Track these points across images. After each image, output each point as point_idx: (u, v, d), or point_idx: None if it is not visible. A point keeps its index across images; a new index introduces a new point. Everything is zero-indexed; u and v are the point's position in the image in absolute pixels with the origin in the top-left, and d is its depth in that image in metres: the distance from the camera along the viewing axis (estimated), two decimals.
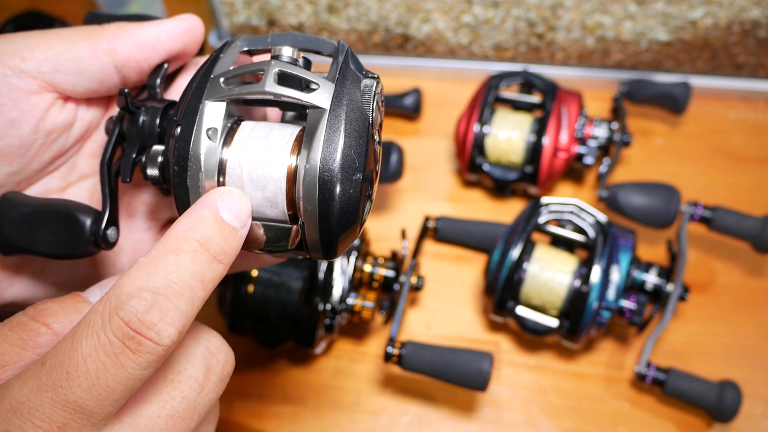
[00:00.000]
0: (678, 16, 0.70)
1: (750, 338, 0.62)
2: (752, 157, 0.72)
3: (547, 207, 0.59)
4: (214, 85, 0.30)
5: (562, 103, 0.66)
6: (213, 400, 0.30)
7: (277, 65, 0.30)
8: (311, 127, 0.29)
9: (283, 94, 0.29)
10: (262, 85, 0.29)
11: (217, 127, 0.29)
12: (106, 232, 0.32)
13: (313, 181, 0.28)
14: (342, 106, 0.29)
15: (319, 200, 0.28)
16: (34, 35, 0.33)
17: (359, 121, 0.29)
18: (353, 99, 0.30)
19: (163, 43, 0.34)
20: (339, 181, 0.28)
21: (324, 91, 0.29)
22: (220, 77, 0.30)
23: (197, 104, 0.30)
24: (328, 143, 0.28)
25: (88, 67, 0.33)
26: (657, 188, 0.61)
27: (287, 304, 0.55)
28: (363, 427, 0.58)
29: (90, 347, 0.25)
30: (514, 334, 0.62)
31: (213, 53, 0.32)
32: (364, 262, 0.58)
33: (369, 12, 0.75)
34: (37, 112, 0.33)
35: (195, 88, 0.30)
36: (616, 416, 0.58)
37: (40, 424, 0.24)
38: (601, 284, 0.54)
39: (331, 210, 0.29)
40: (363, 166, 0.29)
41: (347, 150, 0.28)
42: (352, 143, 0.29)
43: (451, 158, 0.73)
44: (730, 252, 0.66)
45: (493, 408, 0.59)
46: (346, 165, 0.28)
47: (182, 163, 0.29)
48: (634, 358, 0.61)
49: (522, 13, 0.72)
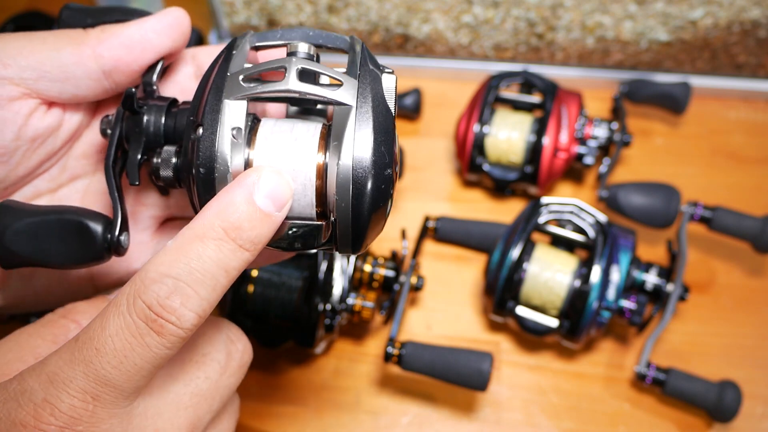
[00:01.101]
0: (678, 16, 0.70)
1: (750, 338, 0.62)
2: (752, 157, 0.72)
3: (547, 207, 0.59)
4: (233, 83, 0.29)
5: (562, 103, 0.66)
6: (233, 385, 0.31)
7: (298, 62, 0.29)
8: (339, 124, 0.29)
9: (308, 92, 0.29)
10: (286, 83, 0.29)
11: (240, 127, 0.29)
12: (119, 238, 0.31)
13: (346, 178, 0.28)
14: (368, 102, 0.29)
15: (353, 197, 0.29)
16: (16, 39, 0.32)
17: (385, 116, 0.30)
18: (377, 95, 0.30)
19: (152, 42, 0.33)
20: (372, 178, 0.29)
21: (348, 88, 0.29)
22: (239, 75, 0.30)
23: (218, 103, 0.29)
24: (359, 140, 0.28)
25: (74, 74, 0.32)
26: (657, 188, 0.61)
27: (287, 304, 0.55)
28: (363, 427, 0.58)
29: (117, 327, 0.26)
30: (514, 334, 0.62)
31: (223, 50, 0.32)
32: (364, 262, 0.58)
33: (369, 12, 0.75)
34: (18, 119, 0.32)
35: (213, 87, 0.30)
36: (616, 416, 0.58)
37: (75, 394, 0.26)
38: (601, 284, 0.54)
39: (365, 206, 0.29)
40: (392, 160, 0.29)
41: (377, 146, 0.29)
42: (382, 139, 0.29)
43: (451, 158, 0.73)
44: (730, 252, 0.66)
45: (493, 408, 0.59)
46: (378, 161, 0.29)
47: (209, 165, 0.29)
48: (634, 358, 0.61)
49: (522, 13, 0.72)
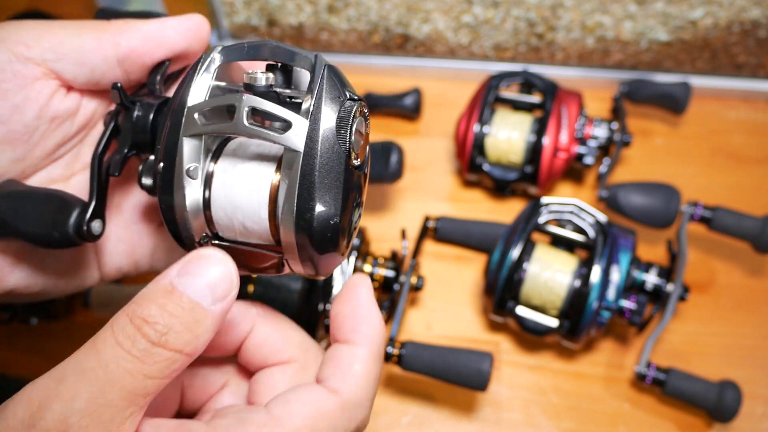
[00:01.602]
0: (678, 16, 0.70)
1: (750, 338, 0.62)
2: (752, 157, 0.72)
3: (547, 207, 0.59)
4: (189, 120, 0.30)
5: (562, 103, 0.66)
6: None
7: (248, 101, 0.29)
8: (286, 169, 0.29)
9: (255, 134, 0.29)
10: (235, 125, 0.29)
11: (197, 165, 0.30)
12: (90, 224, 0.31)
13: (290, 227, 0.29)
14: (317, 144, 0.29)
15: (298, 245, 0.29)
16: (40, 24, 0.33)
17: (334, 156, 0.29)
18: (328, 135, 0.29)
19: (168, 39, 0.34)
20: (316, 229, 0.29)
21: (297, 131, 0.29)
22: (195, 112, 0.30)
23: (175, 140, 0.30)
24: (302, 190, 0.29)
25: (91, 59, 0.33)
26: (657, 188, 0.61)
27: (287, 304, 0.55)
28: None
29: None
30: (514, 334, 0.62)
31: (190, 69, 0.32)
32: (364, 262, 0.58)
33: (369, 12, 0.75)
34: (41, 98, 0.33)
35: (172, 123, 0.31)
36: (616, 416, 0.58)
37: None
38: (601, 284, 0.54)
39: (312, 250, 0.30)
40: (339, 209, 0.30)
41: (322, 196, 0.29)
42: (327, 188, 0.29)
43: (451, 158, 0.73)
44: (730, 252, 0.66)
45: (493, 408, 0.59)
46: (322, 214, 0.29)
47: (168, 202, 0.31)
48: (634, 358, 0.61)
49: (522, 13, 0.72)
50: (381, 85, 0.76)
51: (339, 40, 0.78)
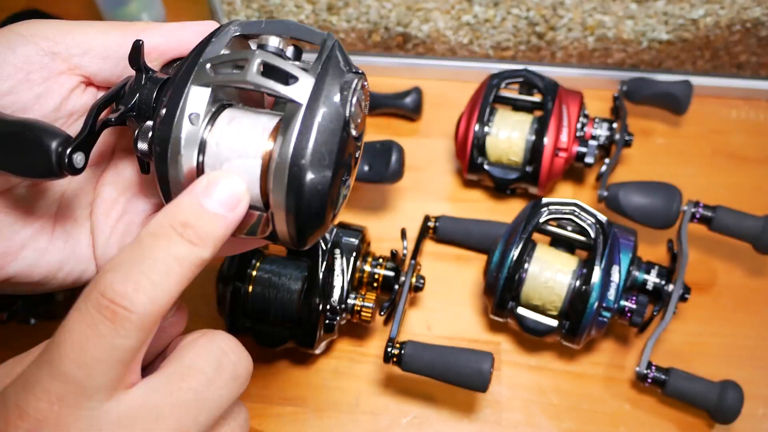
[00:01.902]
0: (679, 15, 0.70)
1: (751, 338, 0.62)
2: (753, 157, 0.72)
3: (547, 207, 0.59)
4: (201, 70, 0.31)
5: (563, 102, 0.66)
6: (224, 397, 0.31)
7: (260, 55, 0.30)
8: (287, 121, 0.29)
9: (263, 85, 0.30)
10: (244, 74, 0.30)
11: (199, 113, 0.31)
12: (72, 156, 0.31)
13: (282, 174, 0.29)
14: (318, 101, 0.30)
15: (287, 193, 0.30)
16: (68, 23, 0.35)
17: (334, 118, 0.30)
18: (331, 95, 0.30)
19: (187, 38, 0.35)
20: (307, 176, 0.29)
21: (303, 86, 0.30)
22: (207, 63, 0.31)
23: (183, 88, 0.31)
24: (300, 138, 0.29)
25: (115, 53, 0.35)
26: (658, 188, 0.61)
27: (287, 304, 0.55)
28: (363, 428, 0.58)
29: (74, 320, 0.26)
30: (514, 334, 0.62)
31: (206, 37, 0.33)
32: (364, 262, 0.58)
33: (369, 11, 0.75)
34: (63, 91, 0.34)
35: (182, 72, 0.31)
36: (617, 416, 0.58)
37: (40, 396, 0.26)
38: (602, 284, 0.54)
39: (299, 203, 0.30)
40: (333, 162, 0.30)
41: (318, 146, 0.29)
42: (324, 140, 0.30)
43: (451, 158, 0.73)
44: (731, 252, 0.66)
45: (493, 408, 0.59)
46: (315, 161, 0.29)
47: (163, 145, 0.31)
48: (635, 358, 0.61)
49: (522, 12, 0.72)
50: (381, 84, 0.76)
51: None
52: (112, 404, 0.27)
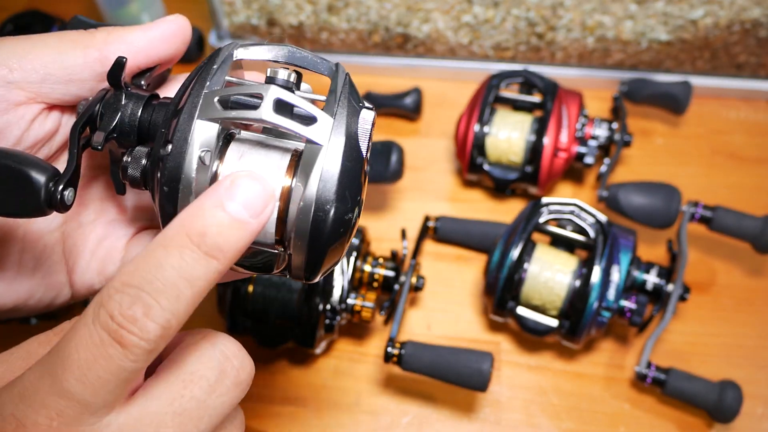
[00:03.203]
0: (678, 16, 0.70)
1: (750, 338, 0.62)
2: (752, 157, 0.72)
3: (547, 207, 0.59)
4: (207, 103, 0.29)
5: (563, 102, 0.66)
6: (227, 404, 0.30)
7: (276, 92, 0.29)
8: (307, 161, 0.29)
9: (281, 125, 0.29)
10: (260, 113, 0.28)
11: (210, 150, 0.29)
12: (63, 192, 0.29)
13: (306, 218, 0.29)
14: (339, 143, 0.29)
15: (310, 237, 0.29)
16: (21, 43, 0.32)
17: (354, 159, 0.30)
18: (350, 135, 0.30)
19: (156, 49, 0.33)
20: (331, 221, 0.29)
21: (322, 126, 0.29)
22: (214, 96, 0.29)
23: (190, 123, 0.29)
24: (324, 182, 0.29)
25: (79, 76, 0.32)
26: (657, 188, 0.61)
27: (287, 304, 0.55)
28: (363, 428, 0.58)
29: (81, 338, 0.25)
30: (514, 334, 0.62)
31: (204, 61, 0.31)
32: (364, 262, 0.58)
33: (369, 12, 0.75)
34: (23, 123, 0.32)
35: (188, 104, 0.29)
36: (617, 416, 0.58)
37: (39, 410, 0.25)
38: (602, 284, 0.54)
39: (321, 245, 0.29)
40: (355, 203, 0.30)
41: (341, 190, 0.29)
42: (347, 183, 0.29)
43: (451, 158, 0.73)
44: (731, 252, 0.66)
45: (493, 408, 0.59)
46: (340, 205, 0.29)
47: (173, 185, 0.29)
48: (635, 358, 0.61)
49: (522, 12, 0.72)
50: (381, 85, 0.76)
51: (339, 39, 0.78)
52: (112, 417, 0.27)
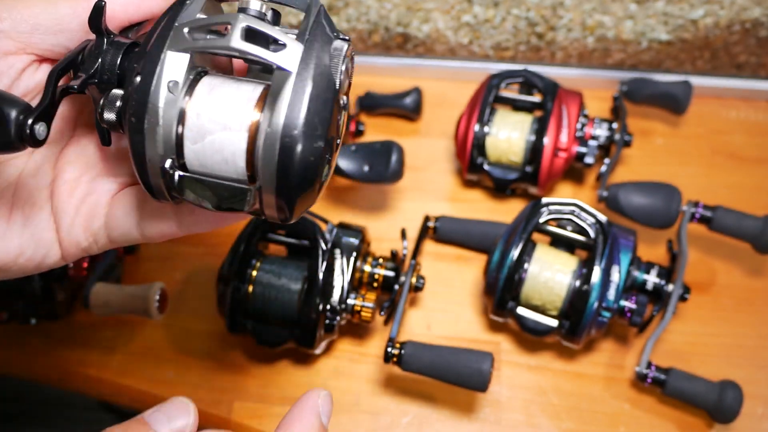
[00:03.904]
0: (678, 16, 0.70)
1: (750, 338, 0.62)
2: (753, 157, 0.72)
3: (547, 207, 0.59)
4: (177, 34, 0.29)
5: (563, 102, 0.66)
6: None
7: (245, 20, 0.28)
8: (276, 89, 0.28)
9: (249, 52, 0.28)
10: (228, 40, 0.28)
11: (178, 80, 0.29)
12: (34, 126, 0.28)
13: (273, 145, 0.28)
14: (309, 69, 0.28)
15: (278, 165, 0.28)
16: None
17: (325, 86, 0.29)
18: (321, 62, 0.29)
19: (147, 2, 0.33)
20: (300, 147, 0.28)
21: (292, 52, 0.28)
22: (184, 26, 0.29)
23: (159, 54, 0.29)
24: (292, 108, 0.28)
25: (69, 26, 0.32)
26: (657, 188, 0.61)
27: (287, 304, 0.55)
28: (363, 428, 0.58)
29: None
30: (514, 334, 0.62)
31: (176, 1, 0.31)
32: (364, 262, 0.58)
33: (369, 11, 0.75)
34: (12, 73, 0.32)
35: (157, 37, 0.29)
36: (617, 416, 0.58)
37: None
38: (602, 284, 0.54)
39: (290, 175, 0.28)
40: (325, 132, 0.29)
41: (311, 116, 0.28)
42: (317, 109, 0.28)
43: (451, 158, 0.73)
44: (731, 252, 0.66)
45: (493, 408, 0.59)
46: (308, 131, 0.28)
47: (140, 115, 0.29)
48: (635, 358, 0.61)
49: (522, 12, 0.72)
50: (381, 85, 0.76)
51: None
52: None
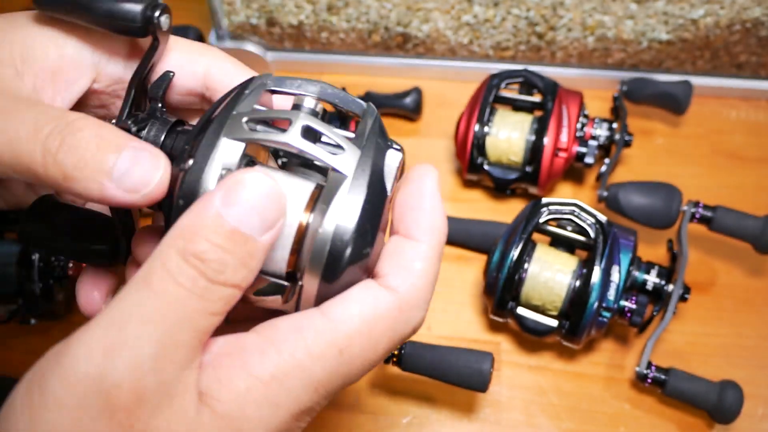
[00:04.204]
0: (679, 16, 0.70)
1: (751, 339, 0.62)
2: (753, 156, 0.72)
3: (547, 207, 0.59)
4: (235, 123, 0.28)
5: (563, 102, 0.66)
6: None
7: (306, 119, 0.28)
8: (330, 191, 0.28)
9: (307, 151, 0.28)
10: (287, 136, 0.28)
11: (232, 168, 0.28)
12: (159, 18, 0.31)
13: (322, 248, 0.27)
14: (365, 176, 0.28)
15: (325, 267, 0.28)
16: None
17: (378, 194, 0.29)
18: (376, 170, 0.29)
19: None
20: (350, 253, 0.28)
21: (349, 156, 0.28)
22: (243, 116, 0.29)
23: (215, 140, 0.28)
24: (345, 213, 0.27)
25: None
26: (657, 188, 0.61)
27: None
28: (363, 428, 0.58)
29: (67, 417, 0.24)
30: (514, 334, 0.62)
31: (237, 87, 0.31)
32: None
33: (369, 11, 0.75)
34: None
35: (215, 123, 0.29)
36: (617, 417, 0.58)
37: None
38: (602, 284, 0.54)
39: (335, 278, 0.28)
40: (374, 239, 0.29)
41: (362, 222, 0.28)
42: (368, 216, 0.28)
43: (451, 158, 0.73)
44: (731, 252, 0.66)
45: (493, 408, 0.59)
46: (359, 239, 0.28)
47: (189, 198, 0.27)
48: (635, 358, 0.61)
49: (522, 12, 0.72)
50: (381, 85, 0.76)
51: (339, 39, 0.78)
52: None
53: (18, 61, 0.30)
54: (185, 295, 0.25)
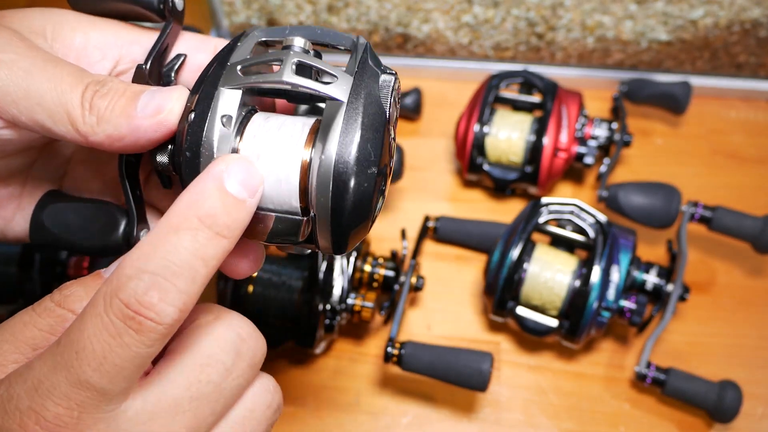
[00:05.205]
0: (678, 16, 0.70)
1: (750, 338, 0.62)
2: (752, 157, 0.72)
3: (547, 207, 0.59)
4: (230, 72, 0.30)
5: (563, 102, 0.66)
6: (242, 386, 0.30)
7: (295, 56, 0.30)
8: (327, 119, 0.29)
9: (301, 85, 0.29)
10: (280, 74, 0.29)
11: (231, 115, 0.29)
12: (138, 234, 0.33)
13: (327, 174, 0.28)
14: (360, 99, 0.29)
15: (333, 193, 0.28)
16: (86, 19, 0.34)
17: (376, 115, 0.29)
18: (371, 93, 0.29)
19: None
20: (354, 174, 0.28)
21: (342, 84, 0.29)
22: (237, 65, 0.30)
23: (212, 91, 0.30)
24: (345, 136, 0.28)
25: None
26: (657, 188, 0.61)
27: (287, 304, 0.55)
28: (363, 428, 0.58)
29: (94, 328, 0.26)
30: (514, 334, 0.62)
31: (230, 42, 0.32)
32: (364, 262, 0.58)
33: (369, 12, 0.75)
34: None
35: (211, 75, 0.30)
36: (616, 416, 0.58)
37: (59, 402, 0.25)
38: (601, 284, 0.54)
39: (345, 203, 0.28)
40: (378, 159, 0.29)
41: (363, 143, 0.28)
42: (369, 137, 0.29)
43: (451, 158, 0.73)
44: (731, 252, 0.66)
45: (493, 408, 0.59)
46: (362, 158, 0.28)
47: (195, 149, 0.29)
48: (634, 358, 0.61)
49: (522, 12, 0.72)
50: None
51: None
52: (129, 403, 0.27)
53: (48, 35, 0.33)
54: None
